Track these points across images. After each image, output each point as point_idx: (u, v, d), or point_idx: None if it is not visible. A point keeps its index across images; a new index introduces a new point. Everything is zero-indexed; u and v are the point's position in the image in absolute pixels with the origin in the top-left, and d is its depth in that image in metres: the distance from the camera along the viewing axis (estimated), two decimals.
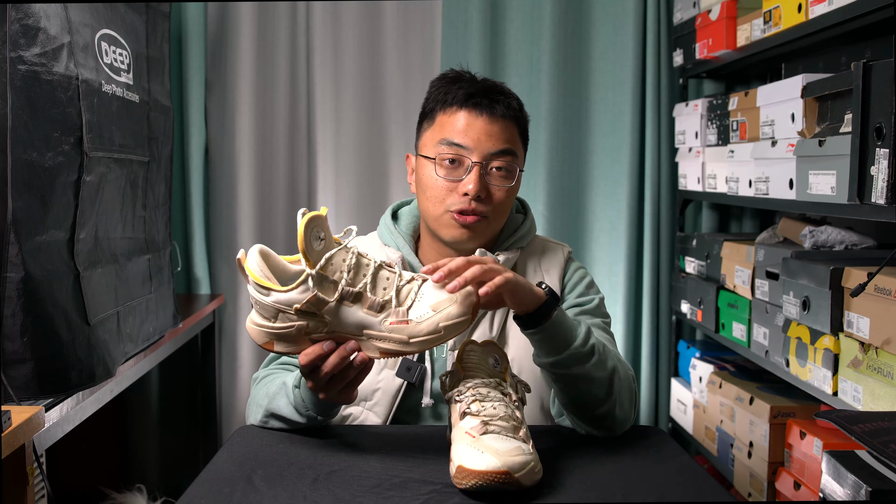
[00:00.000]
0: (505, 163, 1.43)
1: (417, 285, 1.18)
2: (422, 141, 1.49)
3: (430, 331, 1.15)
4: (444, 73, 1.51)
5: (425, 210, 1.47)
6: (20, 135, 1.38)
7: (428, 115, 1.49)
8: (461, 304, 1.15)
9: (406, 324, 1.15)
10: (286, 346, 1.19)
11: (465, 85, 1.46)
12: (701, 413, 2.44)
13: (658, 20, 2.69)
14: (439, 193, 1.43)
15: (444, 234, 1.45)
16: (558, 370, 1.28)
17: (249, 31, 2.69)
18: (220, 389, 2.76)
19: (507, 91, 1.48)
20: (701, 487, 1.15)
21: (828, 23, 1.74)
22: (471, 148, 1.42)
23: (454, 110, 1.44)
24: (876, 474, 1.01)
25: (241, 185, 2.71)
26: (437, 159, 1.43)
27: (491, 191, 1.43)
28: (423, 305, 1.16)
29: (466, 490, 1.08)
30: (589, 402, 1.31)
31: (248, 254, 1.17)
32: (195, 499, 1.10)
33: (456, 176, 1.42)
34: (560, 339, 1.27)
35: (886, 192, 1.43)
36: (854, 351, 1.61)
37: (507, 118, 1.44)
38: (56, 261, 1.48)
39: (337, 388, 1.22)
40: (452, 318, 1.15)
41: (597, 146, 2.75)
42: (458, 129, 1.43)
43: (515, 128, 1.46)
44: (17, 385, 1.40)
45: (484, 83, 1.47)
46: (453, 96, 1.45)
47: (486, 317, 1.47)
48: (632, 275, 2.73)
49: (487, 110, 1.43)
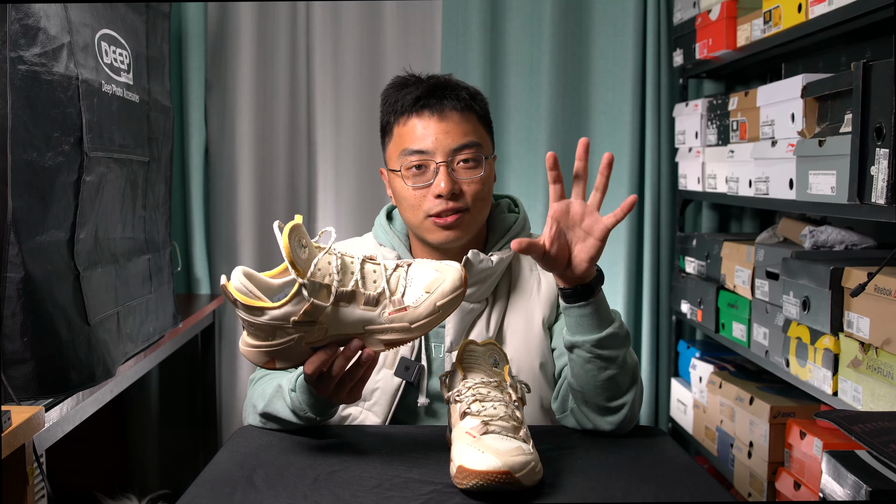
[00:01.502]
0: (470, 154, 1.43)
1: (404, 271, 1.19)
2: (387, 155, 1.50)
3: (429, 311, 1.16)
4: (391, 82, 1.51)
5: (407, 220, 1.47)
6: (20, 135, 1.38)
7: (385, 129, 1.50)
8: (452, 279, 1.17)
9: (405, 310, 1.16)
10: (288, 361, 1.18)
11: (411, 90, 1.46)
12: (701, 413, 2.44)
13: (658, 20, 2.69)
14: (414, 202, 1.43)
15: (429, 239, 1.45)
16: (598, 350, 1.29)
17: (249, 31, 2.69)
18: (220, 389, 2.76)
19: (453, 83, 1.48)
20: (701, 487, 1.15)
21: (828, 23, 1.74)
22: (431, 150, 1.42)
23: (406, 118, 1.45)
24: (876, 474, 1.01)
25: (241, 185, 2.71)
26: (402, 170, 1.44)
27: (462, 186, 1.43)
28: (416, 289, 1.17)
29: (467, 490, 1.08)
30: (613, 389, 1.31)
31: (232, 277, 1.14)
32: (195, 499, 1.10)
33: (425, 181, 1.43)
34: (605, 316, 1.29)
35: (886, 192, 1.43)
36: (854, 351, 1.61)
37: (459, 110, 1.44)
38: (56, 261, 1.48)
39: (346, 388, 1.22)
40: (447, 294, 1.16)
41: (597, 146, 2.75)
42: (415, 136, 1.43)
43: (473, 115, 1.46)
44: (17, 385, 1.40)
45: (429, 82, 1.47)
46: (402, 104, 1.45)
47: (484, 316, 1.48)
48: (632, 275, 2.73)
49: (437, 109, 1.43)
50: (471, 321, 1.47)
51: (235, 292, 1.13)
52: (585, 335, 1.29)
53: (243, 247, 2.73)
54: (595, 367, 1.30)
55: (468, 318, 1.46)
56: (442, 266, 1.19)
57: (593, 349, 1.29)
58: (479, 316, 1.48)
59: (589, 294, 1.27)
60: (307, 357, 1.19)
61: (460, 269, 1.19)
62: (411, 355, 1.45)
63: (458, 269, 1.18)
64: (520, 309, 1.48)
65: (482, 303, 1.48)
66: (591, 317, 1.28)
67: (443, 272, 1.18)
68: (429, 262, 1.20)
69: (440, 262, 1.20)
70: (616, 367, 1.30)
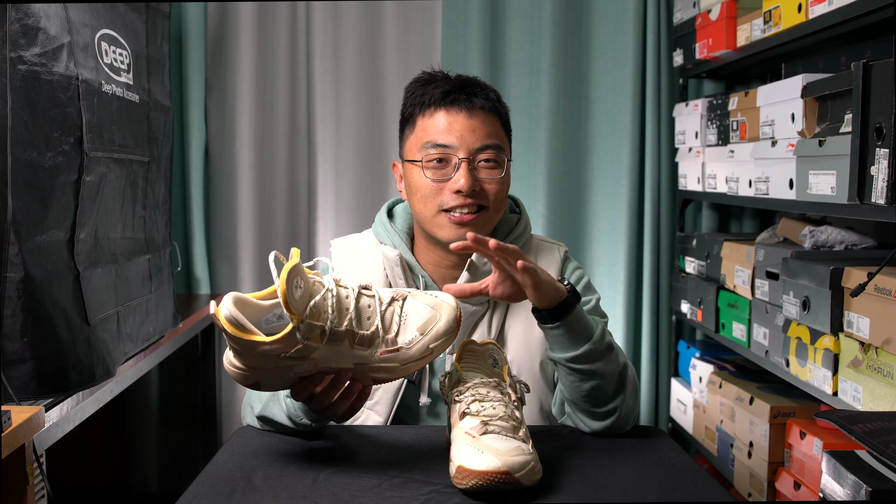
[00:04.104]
0: (492, 155, 1.43)
1: (399, 306, 1.17)
2: (406, 147, 1.49)
3: (422, 354, 1.16)
4: (417, 77, 1.51)
5: (418, 213, 1.46)
6: (20, 135, 1.38)
7: (408, 120, 1.49)
8: (446, 319, 1.16)
9: (397, 351, 1.15)
10: (273, 387, 1.16)
11: (440, 84, 1.46)
12: (701, 413, 2.44)
13: (658, 20, 2.69)
14: (429, 193, 1.43)
15: (439, 234, 1.44)
16: (575, 365, 1.29)
17: (249, 31, 2.69)
18: (220, 389, 2.76)
19: (482, 84, 1.48)
20: (701, 487, 1.15)
21: (828, 23, 1.74)
22: (456, 145, 1.42)
23: (433, 111, 1.44)
24: (876, 474, 1.01)
25: (241, 185, 2.71)
26: (423, 161, 1.43)
27: (483, 184, 1.43)
28: (410, 329, 1.16)
29: (466, 490, 1.08)
30: (599, 397, 1.32)
31: (222, 305, 1.08)
32: (195, 499, 1.10)
33: (444, 175, 1.42)
34: (579, 335, 1.28)
35: (886, 192, 1.43)
36: (854, 351, 1.61)
37: (486, 110, 1.44)
38: (56, 261, 1.48)
39: (338, 412, 1.21)
40: (440, 336, 1.16)
41: (597, 146, 2.75)
42: (440, 129, 1.43)
43: (497, 119, 1.46)
44: (17, 385, 1.40)
45: (458, 79, 1.47)
46: (430, 97, 1.45)
47: (486, 317, 1.47)
48: (632, 275, 2.73)
49: (466, 105, 1.43)
50: (472, 323, 1.47)
51: (225, 323, 1.07)
52: (560, 353, 1.30)
53: (243, 247, 2.73)
54: (576, 379, 1.31)
55: (470, 321, 1.46)
56: (438, 303, 1.18)
57: (569, 364, 1.30)
58: (480, 318, 1.48)
59: (558, 317, 1.27)
60: (294, 384, 1.17)
61: (456, 307, 1.18)
62: None
63: (453, 308, 1.17)
64: (520, 312, 1.48)
65: (483, 305, 1.48)
66: (563, 336, 1.28)
67: (438, 310, 1.17)
68: (424, 297, 1.19)
69: (436, 298, 1.19)
70: (597, 378, 1.30)
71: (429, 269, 1.50)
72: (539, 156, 2.70)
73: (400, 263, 1.47)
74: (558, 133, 2.72)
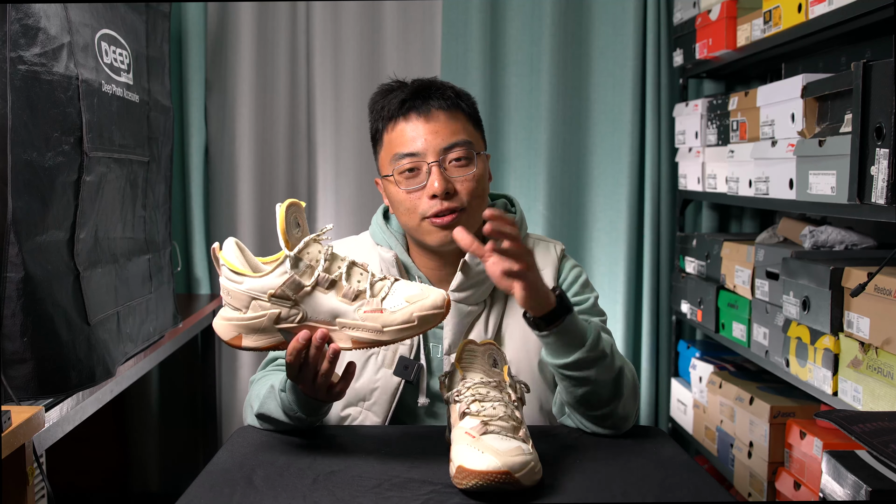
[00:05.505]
0: (462, 153, 1.43)
1: (389, 283, 1.19)
2: (379, 163, 1.50)
3: (405, 320, 1.16)
4: (376, 90, 1.51)
5: (405, 225, 1.47)
6: (20, 135, 1.38)
7: (375, 137, 1.50)
8: (434, 298, 1.17)
9: (380, 312, 1.16)
10: (256, 338, 1.18)
11: (396, 94, 1.46)
12: (701, 413, 2.44)
13: (658, 20, 2.69)
14: (410, 205, 1.43)
15: (428, 241, 1.44)
16: (566, 372, 1.29)
17: (249, 31, 2.69)
18: (220, 389, 2.76)
19: (438, 84, 1.48)
20: (701, 487, 1.15)
21: (828, 23, 1.74)
22: (422, 152, 1.42)
23: (394, 123, 1.45)
24: (876, 474, 1.01)
25: (241, 185, 2.71)
26: (395, 175, 1.43)
27: (456, 185, 1.42)
28: (398, 297, 1.17)
29: (466, 490, 1.09)
30: (593, 402, 1.32)
31: (224, 244, 1.20)
32: (195, 499, 1.10)
33: (418, 183, 1.42)
34: (569, 343, 1.28)
35: (886, 192, 1.43)
36: (854, 351, 1.61)
37: (445, 109, 1.44)
38: (56, 261, 1.48)
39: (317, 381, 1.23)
40: (427, 308, 1.16)
41: (597, 146, 2.75)
42: (404, 140, 1.43)
43: (460, 114, 1.46)
44: (17, 385, 1.40)
45: (413, 85, 1.47)
46: (388, 110, 1.46)
47: (483, 317, 1.47)
48: (632, 275, 2.73)
49: (423, 110, 1.43)
50: (469, 323, 1.47)
51: (222, 255, 1.18)
52: (551, 359, 1.30)
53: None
54: (570, 384, 1.31)
55: (466, 321, 1.46)
56: (428, 287, 1.19)
57: (560, 371, 1.30)
58: (477, 318, 1.47)
59: (547, 325, 1.27)
60: (275, 340, 1.19)
61: (445, 294, 1.18)
62: (410, 354, 1.45)
63: (442, 294, 1.18)
64: (518, 311, 1.48)
65: (480, 305, 1.47)
66: (554, 344, 1.28)
67: (427, 291, 1.18)
68: (416, 283, 1.20)
69: (428, 286, 1.20)
70: (590, 385, 1.30)
71: (424, 270, 1.50)
72: (539, 156, 2.70)
73: (396, 264, 1.48)
74: (558, 133, 2.72)
